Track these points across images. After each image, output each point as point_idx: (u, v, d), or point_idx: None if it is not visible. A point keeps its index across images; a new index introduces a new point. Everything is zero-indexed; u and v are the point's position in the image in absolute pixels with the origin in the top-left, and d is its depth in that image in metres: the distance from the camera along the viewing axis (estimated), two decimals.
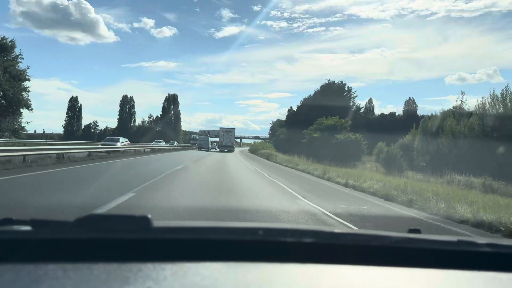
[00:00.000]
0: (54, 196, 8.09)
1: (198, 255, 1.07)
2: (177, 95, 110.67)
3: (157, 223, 1.15)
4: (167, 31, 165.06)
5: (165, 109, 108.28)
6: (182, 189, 10.67)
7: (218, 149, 60.98)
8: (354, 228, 6.23)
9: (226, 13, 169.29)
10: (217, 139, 66.89)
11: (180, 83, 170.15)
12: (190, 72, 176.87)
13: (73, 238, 1.08)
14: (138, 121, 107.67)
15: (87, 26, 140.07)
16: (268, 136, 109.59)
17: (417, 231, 1.48)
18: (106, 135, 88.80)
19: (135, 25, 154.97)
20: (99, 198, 7.85)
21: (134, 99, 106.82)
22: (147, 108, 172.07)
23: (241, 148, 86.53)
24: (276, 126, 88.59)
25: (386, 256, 1.15)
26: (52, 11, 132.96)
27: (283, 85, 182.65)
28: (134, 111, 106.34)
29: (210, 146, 66.71)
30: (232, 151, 54.30)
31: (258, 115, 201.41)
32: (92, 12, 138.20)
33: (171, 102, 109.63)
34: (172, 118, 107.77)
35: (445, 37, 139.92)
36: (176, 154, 37.69)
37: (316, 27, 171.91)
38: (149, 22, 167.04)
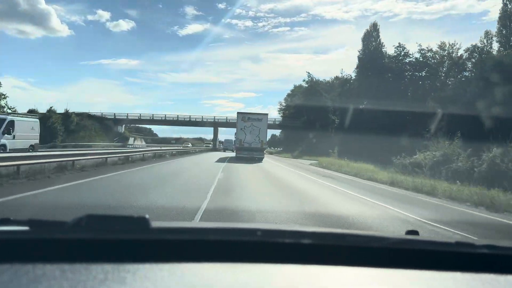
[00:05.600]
0: None
1: (196, 255, 1.07)
2: None
3: (155, 223, 1.15)
4: (124, 25, 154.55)
5: None
6: None
7: (226, 153, 41.48)
8: None
9: (190, 10, 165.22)
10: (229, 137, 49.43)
11: (142, 81, 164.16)
12: (153, 71, 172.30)
13: (71, 238, 1.08)
14: None
15: (38, 18, 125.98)
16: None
17: (414, 232, 1.49)
18: None
19: (90, 17, 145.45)
20: None
21: (95, 98, 44.84)
22: (111, 106, 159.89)
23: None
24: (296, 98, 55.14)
25: (384, 258, 1.15)
26: None
27: (249, 85, 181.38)
28: None
29: (233, 147, 55.39)
30: (261, 158, 30.66)
31: (224, 114, 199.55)
32: (42, 3, 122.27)
33: None
34: None
35: (406, 38, 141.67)
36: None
37: (281, 27, 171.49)
38: (104, 15, 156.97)
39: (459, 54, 40.62)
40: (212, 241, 1.16)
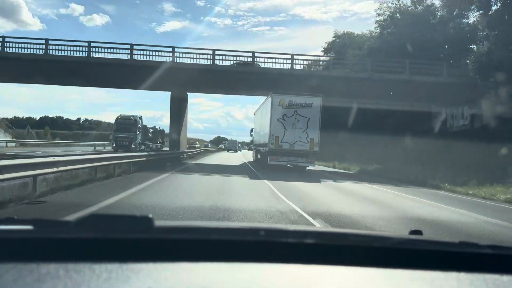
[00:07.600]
0: None
1: (199, 255, 1.07)
2: None
3: (159, 222, 1.15)
4: (99, 19, 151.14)
5: None
6: None
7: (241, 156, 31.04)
8: None
9: (168, 7, 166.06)
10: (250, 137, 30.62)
11: None
12: None
13: (75, 237, 1.08)
14: None
15: (7, 10, 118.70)
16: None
17: (418, 232, 1.48)
18: None
19: (62, 11, 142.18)
20: None
21: (71, 95, 18.90)
22: (85, 106, 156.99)
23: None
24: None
25: (387, 258, 1.15)
26: None
27: None
28: None
29: (237, 148, 54.31)
30: (305, 167, 19.54)
31: (201, 113, 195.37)
32: None
33: None
34: None
35: None
36: None
37: (260, 26, 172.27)
38: (77, 9, 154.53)
39: None
40: (216, 240, 1.16)
